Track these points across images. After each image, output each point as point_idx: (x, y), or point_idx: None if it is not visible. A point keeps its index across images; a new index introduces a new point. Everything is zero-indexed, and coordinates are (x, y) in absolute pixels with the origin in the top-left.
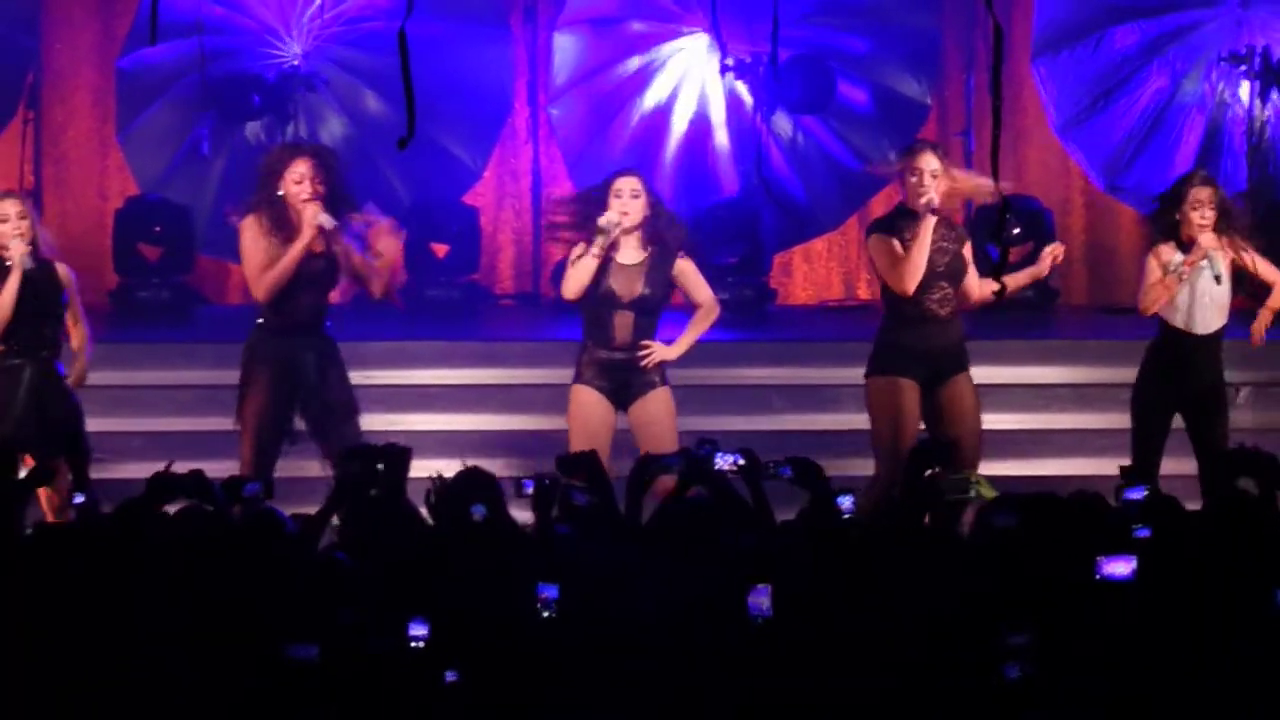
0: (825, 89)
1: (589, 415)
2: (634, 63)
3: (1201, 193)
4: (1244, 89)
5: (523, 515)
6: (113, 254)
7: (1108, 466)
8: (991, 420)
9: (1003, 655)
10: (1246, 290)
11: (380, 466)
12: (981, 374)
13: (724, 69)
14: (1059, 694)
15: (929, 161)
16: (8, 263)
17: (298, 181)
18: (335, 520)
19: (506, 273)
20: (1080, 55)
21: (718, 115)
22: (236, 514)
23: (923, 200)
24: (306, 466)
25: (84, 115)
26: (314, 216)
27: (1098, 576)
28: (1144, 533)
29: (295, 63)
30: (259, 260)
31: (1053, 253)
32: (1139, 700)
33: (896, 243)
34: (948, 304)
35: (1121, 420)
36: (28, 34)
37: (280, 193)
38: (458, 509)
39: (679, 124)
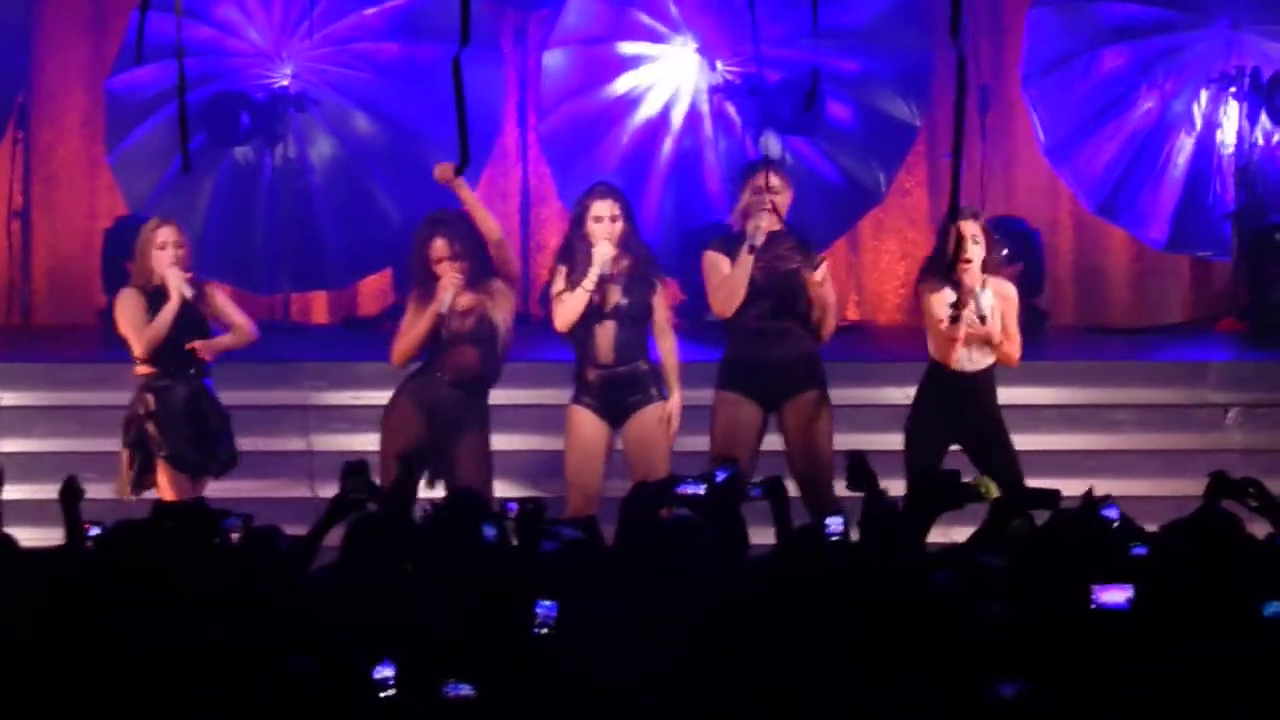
0: (814, 111)
1: (581, 434)
2: (623, 82)
3: (967, 227)
4: (1233, 110)
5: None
6: (102, 273)
7: (1097, 487)
8: None
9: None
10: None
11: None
12: None
13: (713, 89)
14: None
15: None
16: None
17: (437, 261)
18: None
19: None
20: (1070, 77)
21: (707, 135)
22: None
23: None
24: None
25: (73, 135)
26: (444, 290)
27: (1093, 605)
28: (1140, 550)
29: (285, 83)
30: (401, 329)
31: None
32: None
33: None
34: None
35: (1111, 441)
36: (18, 54)
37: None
38: (458, 530)
39: (668, 144)
